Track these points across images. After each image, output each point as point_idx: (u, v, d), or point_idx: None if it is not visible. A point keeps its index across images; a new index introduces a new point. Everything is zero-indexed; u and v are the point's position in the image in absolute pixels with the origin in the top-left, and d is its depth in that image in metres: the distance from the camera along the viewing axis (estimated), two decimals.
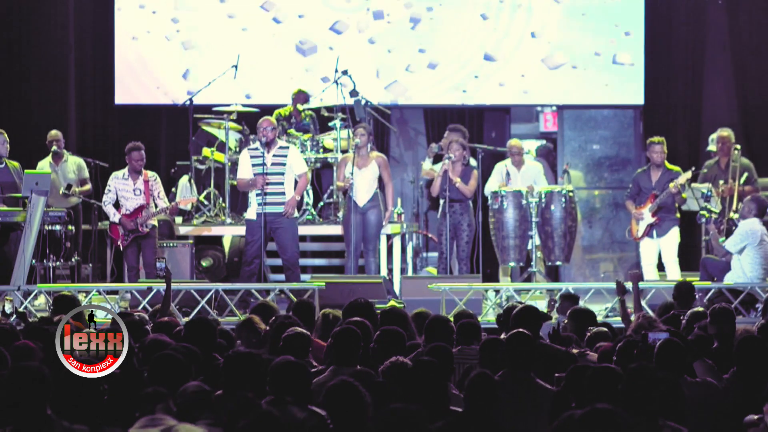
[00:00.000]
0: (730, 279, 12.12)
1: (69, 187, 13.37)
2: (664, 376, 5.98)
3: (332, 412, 5.65)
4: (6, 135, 12.93)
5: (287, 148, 12.71)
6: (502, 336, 7.76)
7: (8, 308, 11.49)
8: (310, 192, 14.02)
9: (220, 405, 6.04)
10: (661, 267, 13.06)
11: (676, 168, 13.02)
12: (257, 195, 12.49)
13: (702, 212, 12.60)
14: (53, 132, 13.82)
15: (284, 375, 6.14)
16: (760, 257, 12.07)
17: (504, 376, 6.66)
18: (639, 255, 13.33)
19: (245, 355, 6.44)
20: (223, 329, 8.21)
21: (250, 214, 12.63)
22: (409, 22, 15.68)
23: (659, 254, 13.01)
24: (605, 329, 8.45)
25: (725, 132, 13.78)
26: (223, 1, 15.70)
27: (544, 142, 17.55)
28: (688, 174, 12.84)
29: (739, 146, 13.58)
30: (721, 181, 13.47)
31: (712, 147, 14.19)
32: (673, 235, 12.94)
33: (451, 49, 15.65)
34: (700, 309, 9.08)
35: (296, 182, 12.66)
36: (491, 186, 13.87)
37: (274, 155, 12.53)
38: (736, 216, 13.02)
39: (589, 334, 8.30)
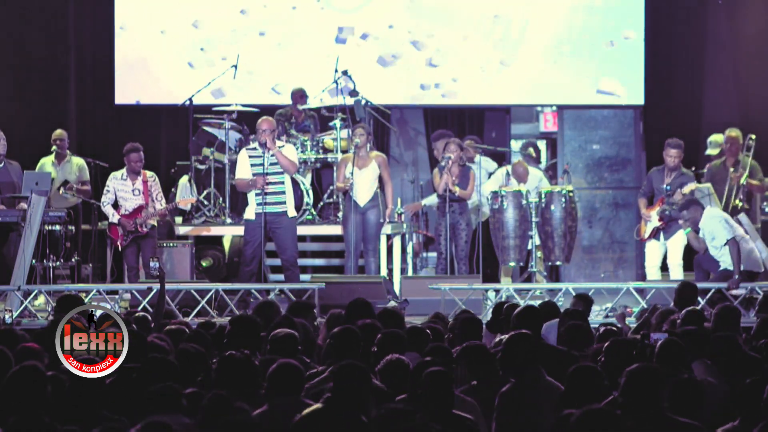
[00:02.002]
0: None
1: (65, 183, 13.35)
2: (671, 374, 6.00)
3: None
4: (4, 135, 12.95)
5: (283, 146, 12.70)
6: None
7: (8, 319, 11.47)
8: (310, 192, 14.01)
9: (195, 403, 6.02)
10: (664, 267, 13.06)
11: (690, 173, 13.00)
12: (257, 195, 12.49)
13: (665, 208, 12.62)
14: (58, 131, 13.81)
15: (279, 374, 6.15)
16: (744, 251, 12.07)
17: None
18: (643, 255, 13.32)
19: (239, 357, 6.44)
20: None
21: (249, 214, 12.63)
22: (410, 21, 15.66)
23: (664, 256, 13.01)
24: (614, 327, 8.44)
25: (734, 132, 13.63)
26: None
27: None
28: (693, 185, 12.80)
29: (754, 136, 13.42)
30: (731, 170, 13.36)
31: (710, 151, 14.15)
32: (680, 237, 12.89)
33: (452, 48, 15.64)
34: (696, 308, 9.08)
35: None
36: (488, 188, 13.87)
37: (272, 155, 12.51)
38: (739, 203, 13.03)
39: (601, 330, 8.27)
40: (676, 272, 12.87)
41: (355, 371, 5.94)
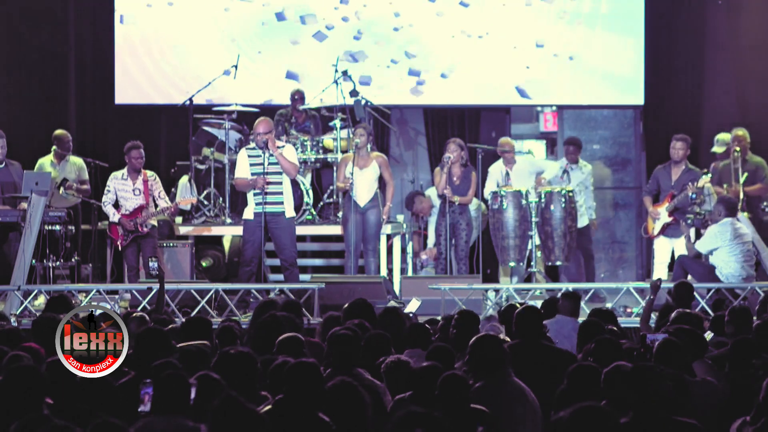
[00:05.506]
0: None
1: (65, 181, 13.33)
2: (669, 372, 6.01)
3: (332, 413, 5.64)
4: (4, 134, 12.96)
5: (283, 147, 12.69)
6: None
7: (14, 322, 11.46)
8: (310, 192, 14.02)
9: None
10: (671, 267, 13.06)
11: (697, 169, 13.02)
12: (256, 195, 12.49)
13: (689, 216, 12.67)
14: (62, 132, 13.77)
15: (298, 377, 6.10)
16: (739, 253, 12.05)
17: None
18: (645, 254, 13.32)
19: (241, 353, 6.42)
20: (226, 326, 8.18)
21: (247, 214, 12.62)
22: (410, 21, 15.66)
23: (672, 254, 13.02)
24: (614, 328, 8.44)
25: (740, 131, 13.67)
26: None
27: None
28: (707, 178, 12.83)
29: (738, 148, 13.54)
30: (726, 185, 13.45)
31: (716, 148, 14.14)
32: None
33: (452, 49, 15.64)
34: (688, 310, 9.09)
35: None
36: (489, 189, 13.87)
37: (272, 155, 12.50)
38: (746, 215, 13.05)
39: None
40: None
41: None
